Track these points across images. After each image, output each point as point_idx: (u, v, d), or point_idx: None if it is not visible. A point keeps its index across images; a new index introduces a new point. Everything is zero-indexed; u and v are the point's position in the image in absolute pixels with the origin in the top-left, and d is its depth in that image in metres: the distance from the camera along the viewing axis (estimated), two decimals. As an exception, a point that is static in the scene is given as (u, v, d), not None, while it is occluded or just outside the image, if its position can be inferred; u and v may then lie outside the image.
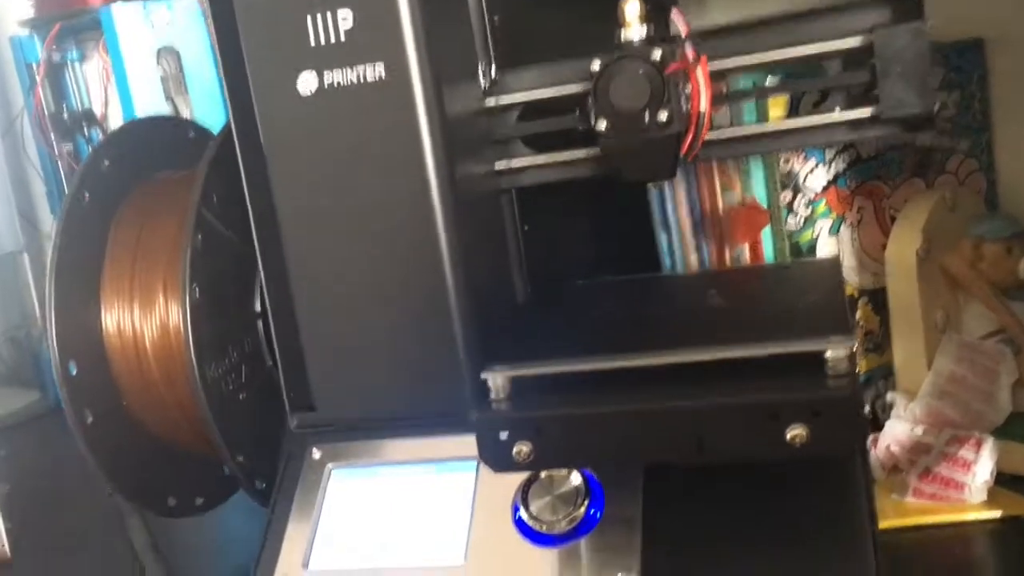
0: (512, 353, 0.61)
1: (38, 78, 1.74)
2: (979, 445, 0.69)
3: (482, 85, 0.76)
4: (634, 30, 0.66)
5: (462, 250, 0.68)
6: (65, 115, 1.78)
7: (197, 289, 0.67)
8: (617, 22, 0.67)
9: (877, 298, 0.83)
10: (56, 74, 1.78)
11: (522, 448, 0.56)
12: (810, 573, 0.56)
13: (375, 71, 0.66)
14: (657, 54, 0.63)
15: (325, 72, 0.67)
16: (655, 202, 0.87)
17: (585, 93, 0.73)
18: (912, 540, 0.68)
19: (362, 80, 0.66)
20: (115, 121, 1.86)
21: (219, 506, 0.85)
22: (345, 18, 0.66)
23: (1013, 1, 0.83)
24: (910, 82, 0.66)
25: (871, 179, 0.83)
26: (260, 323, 0.75)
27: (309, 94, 0.67)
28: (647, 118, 0.63)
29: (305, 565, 0.66)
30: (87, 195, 0.73)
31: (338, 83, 0.67)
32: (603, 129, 0.65)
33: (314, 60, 0.67)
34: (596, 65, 0.65)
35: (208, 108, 1.52)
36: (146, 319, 0.72)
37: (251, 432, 0.73)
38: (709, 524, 0.60)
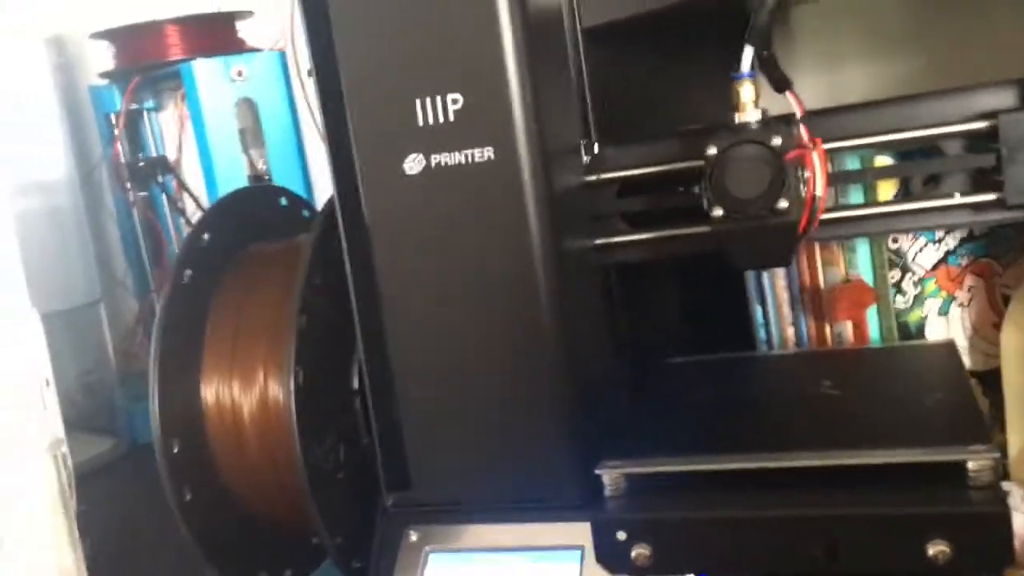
0: (622, 445, 0.59)
1: (116, 129, 1.78)
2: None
3: (584, 160, 0.76)
4: (749, 113, 0.65)
5: (567, 330, 0.67)
6: (141, 163, 1.81)
7: (301, 372, 0.66)
8: (729, 104, 0.66)
9: (988, 380, 0.80)
10: (133, 123, 1.82)
11: (641, 551, 0.54)
12: None
13: (483, 153, 0.66)
14: (777, 140, 0.62)
15: (432, 154, 0.66)
16: (752, 276, 0.85)
17: (686, 170, 0.73)
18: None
19: (470, 161, 0.66)
20: (189, 168, 1.90)
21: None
22: (455, 101, 0.66)
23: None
24: (1039, 166, 0.64)
25: (982, 256, 0.81)
26: (357, 401, 0.74)
27: (415, 174, 0.67)
28: (765, 205, 0.62)
29: (404, 651, 0.65)
30: (189, 272, 0.73)
31: (445, 163, 0.66)
32: (718, 216, 0.64)
33: (422, 142, 0.66)
34: (712, 150, 0.64)
35: (283, 159, 1.54)
36: (246, 396, 0.71)
37: (348, 511, 0.72)
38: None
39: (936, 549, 0.48)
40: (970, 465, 0.50)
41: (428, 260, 0.68)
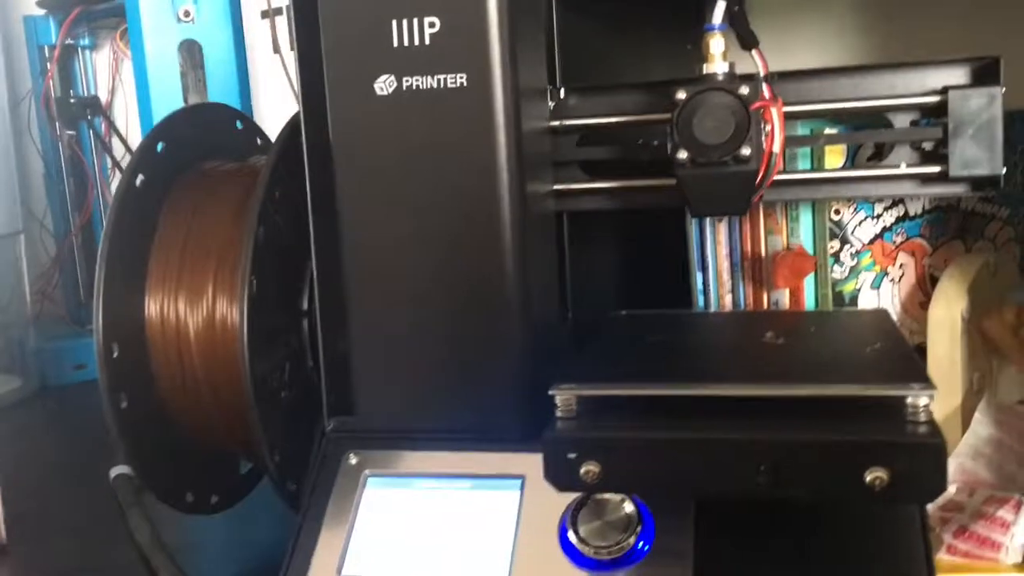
0: (574, 373, 0.60)
1: (50, 63, 1.72)
2: (1019, 507, 0.69)
3: (549, 105, 0.77)
4: (717, 65, 0.67)
5: (525, 264, 0.68)
6: (72, 100, 1.76)
7: (255, 283, 0.65)
8: (699, 56, 0.68)
9: (913, 355, 0.84)
10: (66, 59, 1.77)
11: (591, 468, 0.55)
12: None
13: (456, 79, 0.66)
14: (744, 89, 0.64)
15: (405, 76, 0.67)
16: (694, 241, 0.87)
17: (649, 121, 0.75)
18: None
19: (442, 86, 0.66)
20: (120, 111, 1.85)
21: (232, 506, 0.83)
22: (432, 24, 0.66)
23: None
24: (981, 144, 0.68)
25: (915, 236, 0.84)
26: (305, 323, 0.74)
27: (386, 95, 0.67)
28: (728, 152, 0.64)
29: (339, 571, 0.64)
30: (140, 177, 0.72)
31: (417, 86, 0.67)
32: (683, 159, 0.66)
33: (395, 63, 0.66)
34: (681, 95, 0.66)
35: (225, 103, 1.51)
36: (192, 310, 0.70)
37: (288, 432, 0.72)
38: (760, 562, 0.59)
39: (873, 476, 0.50)
40: (909, 400, 0.52)
41: (391, 184, 0.68)
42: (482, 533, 0.64)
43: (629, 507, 0.62)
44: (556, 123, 0.77)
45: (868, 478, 0.51)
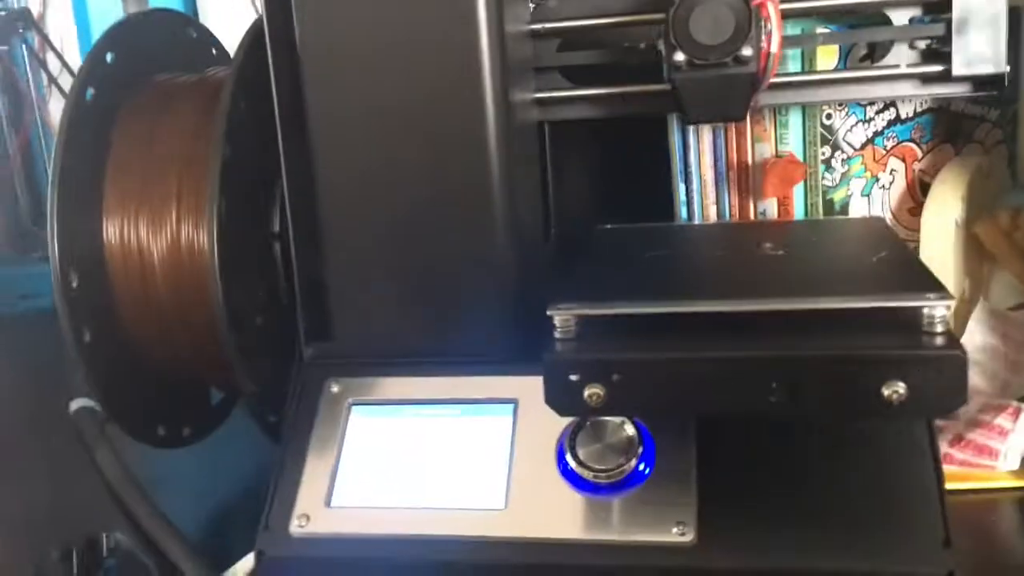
0: (571, 292, 0.57)
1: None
2: (1017, 413, 0.69)
3: (529, 6, 0.72)
4: (714, -40, 0.62)
5: (511, 176, 0.64)
6: (1, 13, 1.65)
7: (224, 204, 0.61)
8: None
9: (901, 262, 0.82)
10: (-8, -31, 1.65)
11: (595, 391, 0.52)
12: (874, 531, 0.54)
13: (435, -28, 0.61)
14: (745, -15, 0.60)
15: (377, -30, 0.61)
16: (677, 150, 0.83)
17: (636, 23, 0.70)
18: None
19: (418, -19, 0.61)
20: (55, 24, 1.74)
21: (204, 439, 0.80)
22: (406, -86, 0.60)
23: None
24: (987, 40, 0.65)
25: (906, 141, 0.82)
26: (277, 245, 0.69)
27: (356, -8, 0.62)
28: (728, 53, 0.60)
29: (327, 503, 0.62)
30: (91, 91, 0.66)
31: (391, -18, 0.61)
32: (678, 62, 0.62)
33: (366, -44, 0.61)
34: (678, -8, 0.61)
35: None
36: (155, 234, 0.65)
37: (264, 361, 0.68)
38: (765, 481, 0.58)
39: (891, 390, 0.48)
40: (925, 311, 0.50)
41: (365, 93, 0.63)
42: (475, 460, 0.62)
43: (630, 429, 0.59)
44: (537, 26, 0.72)
45: (886, 393, 0.49)
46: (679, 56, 0.62)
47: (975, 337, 0.75)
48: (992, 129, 0.87)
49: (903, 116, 0.81)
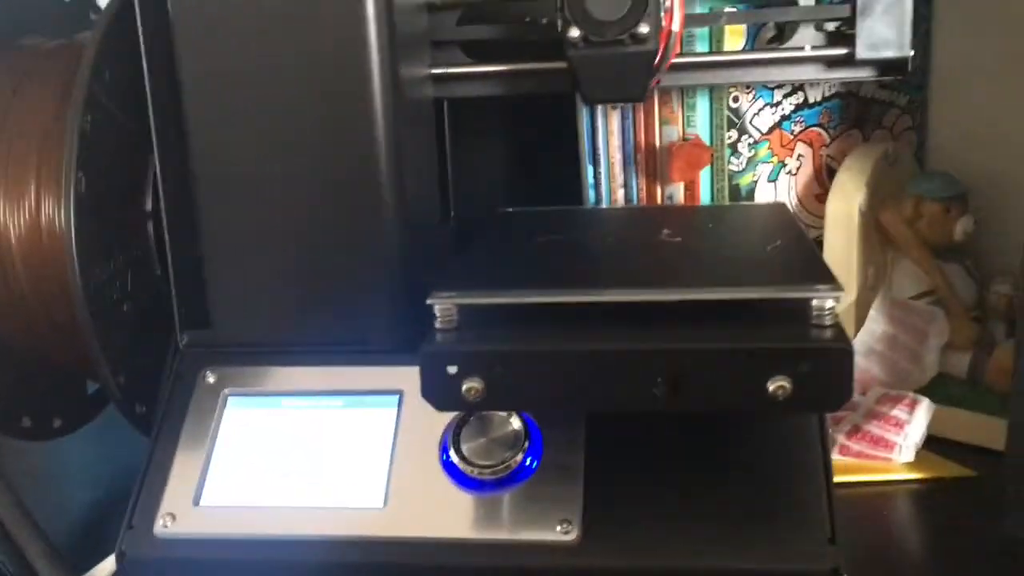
0: (455, 280, 0.54)
1: None
2: (913, 405, 0.68)
3: (424, -23, 0.68)
4: (612, -68, 0.60)
5: (400, 157, 0.60)
6: None
7: (83, 180, 0.56)
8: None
9: (808, 249, 0.81)
10: None
11: (473, 385, 0.49)
12: (761, 525, 0.53)
13: (316, -59, 0.57)
14: (642, -41, 0.57)
15: (255, -67, 0.57)
16: (585, 131, 0.81)
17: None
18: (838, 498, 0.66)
19: (300, -55, 0.57)
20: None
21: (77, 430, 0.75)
22: None
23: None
24: (891, 23, 0.63)
25: (814, 125, 0.80)
26: (151, 225, 0.65)
27: (232, -44, 0.57)
28: (625, 29, 0.57)
29: (196, 502, 0.58)
30: (-59, 55, 0.61)
31: (270, -54, 0.57)
32: (574, 38, 0.59)
33: (242, -82, 0.57)
34: (572, -36, 0.58)
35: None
36: (12, 213, 0.60)
37: (133, 349, 0.64)
38: (653, 475, 0.56)
39: (776, 385, 0.47)
40: (814, 303, 0.48)
41: (243, 63, 0.59)
42: (356, 455, 0.59)
43: (516, 423, 0.57)
44: (433, -1, 0.68)
45: (771, 387, 0.47)
46: (574, 32, 0.59)
47: (875, 326, 0.74)
48: (901, 115, 0.86)
49: (811, 100, 0.80)
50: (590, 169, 0.81)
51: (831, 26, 0.68)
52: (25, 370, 0.68)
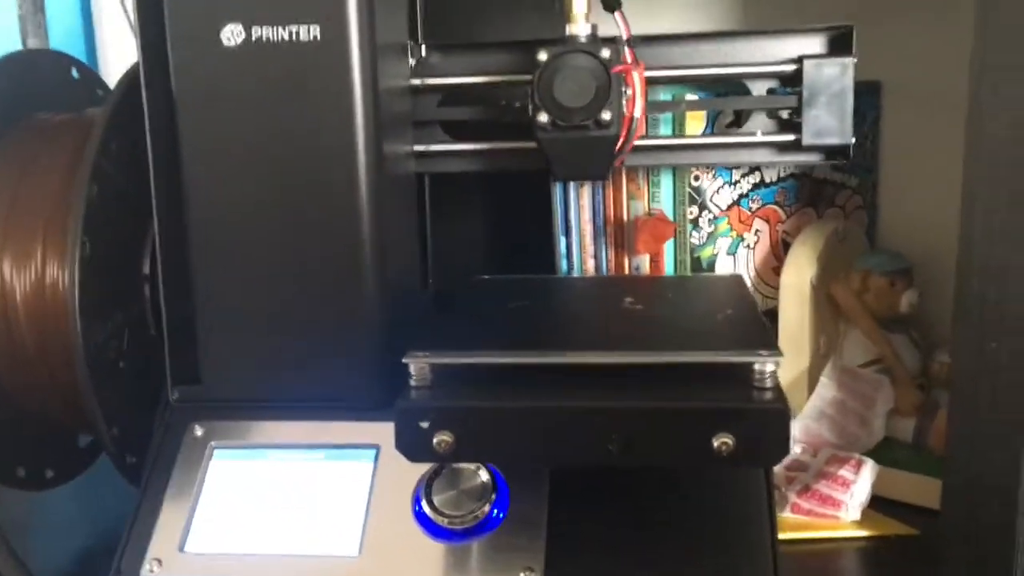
0: (429, 341, 0.59)
1: None
2: (859, 466, 0.72)
3: (410, 63, 0.74)
4: (580, 26, 0.66)
5: (382, 227, 0.65)
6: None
7: (87, 244, 0.61)
8: (561, 16, 0.67)
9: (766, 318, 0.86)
10: None
11: (444, 439, 0.54)
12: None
13: (310, 31, 0.63)
14: (606, 52, 0.63)
15: (254, 26, 0.63)
16: (558, 205, 0.86)
17: (512, 82, 0.73)
18: (787, 554, 0.70)
19: (294, 38, 0.63)
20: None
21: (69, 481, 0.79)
22: (282, -29, 0.62)
23: (912, 50, 0.88)
24: (833, 113, 0.69)
25: (770, 203, 0.86)
26: (147, 287, 0.69)
27: (233, 46, 0.63)
28: (589, 115, 0.63)
29: (181, 548, 0.61)
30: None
31: (267, 38, 0.63)
32: (543, 122, 0.64)
33: (243, 11, 0.63)
34: (543, 56, 0.64)
35: (67, 33, 1.40)
36: (19, 273, 0.65)
37: (127, 403, 0.68)
38: (613, 526, 0.60)
39: (720, 441, 0.51)
40: (755, 367, 0.53)
41: (239, 141, 0.64)
42: (334, 505, 0.62)
43: (484, 475, 0.61)
44: (417, 81, 0.74)
45: (715, 444, 0.51)
46: (543, 117, 0.64)
47: (825, 392, 0.79)
48: (852, 195, 0.92)
49: (767, 180, 0.86)
50: (563, 240, 0.87)
51: (784, 113, 0.73)
52: (22, 422, 0.71)
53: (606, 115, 0.63)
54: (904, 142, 0.91)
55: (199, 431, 0.67)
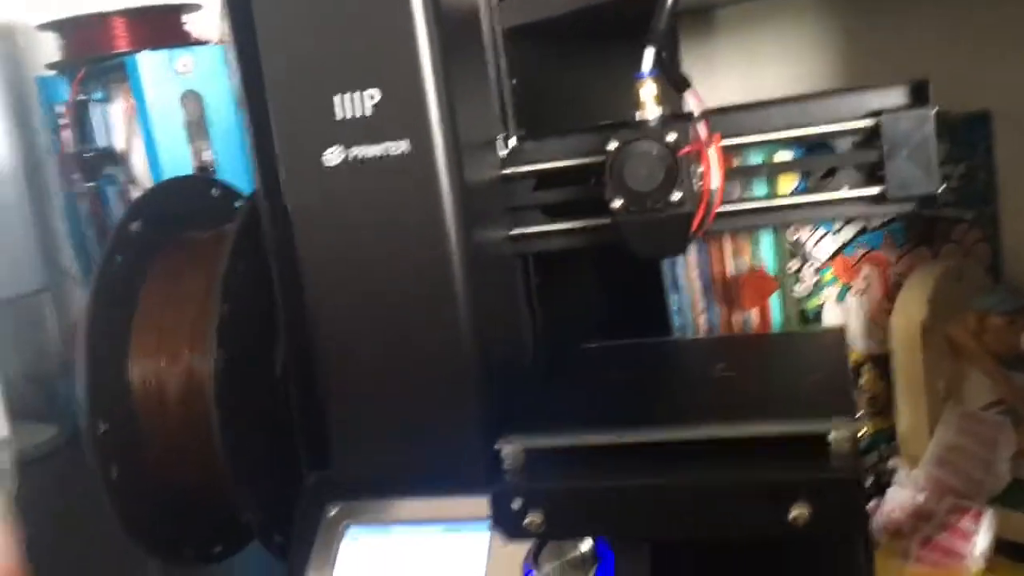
0: (525, 422, 0.63)
1: (64, 119, 1.78)
2: (979, 517, 0.71)
3: (500, 154, 0.79)
4: (649, 110, 0.69)
5: (479, 318, 0.70)
6: (88, 154, 1.81)
7: (223, 357, 0.69)
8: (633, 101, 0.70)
9: (882, 364, 0.85)
10: (81, 114, 1.83)
11: (534, 519, 0.58)
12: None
13: (399, 146, 0.69)
14: (672, 137, 0.66)
15: (351, 147, 0.70)
16: (666, 265, 0.89)
17: (601, 163, 0.77)
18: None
19: (387, 154, 0.69)
20: (138, 160, 1.91)
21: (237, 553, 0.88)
22: (372, 96, 0.69)
23: (1019, 75, 0.85)
24: (917, 164, 0.69)
25: (877, 248, 0.85)
26: (281, 386, 0.77)
27: (334, 166, 0.70)
28: (660, 198, 0.66)
29: (321, 620, 0.68)
30: (119, 258, 0.76)
31: (363, 156, 0.70)
32: (617, 207, 0.68)
33: (341, 135, 0.70)
34: (612, 145, 0.68)
35: (228, 151, 1.56)
36: (172, 376, 0.74)
37: (270, 490, 0.75)
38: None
39: (796, 513, 0.53)
40: (832, 436, 0.54)
41: (347, 249, 0.72)
42: (454, 575, 0.68)
43: (585, 546, 0.64)
44: (508, 171, 0.79)
45: (792, 515, 0.53)
46: (617, 202, 0.68)
47: (944, 437, 0.77)
48: (970, 229, 0.90)
49: (869, 227, 0.85)
50: (674, 298, 0.89)
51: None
52: (186, 505, 0.81)
53: (676, 196, 0.66)
54: (1021, 168, 0.88)
55: (333, 511, 0.73)
